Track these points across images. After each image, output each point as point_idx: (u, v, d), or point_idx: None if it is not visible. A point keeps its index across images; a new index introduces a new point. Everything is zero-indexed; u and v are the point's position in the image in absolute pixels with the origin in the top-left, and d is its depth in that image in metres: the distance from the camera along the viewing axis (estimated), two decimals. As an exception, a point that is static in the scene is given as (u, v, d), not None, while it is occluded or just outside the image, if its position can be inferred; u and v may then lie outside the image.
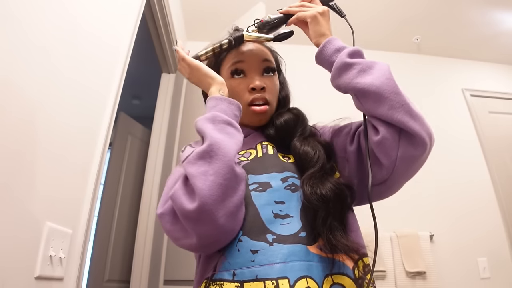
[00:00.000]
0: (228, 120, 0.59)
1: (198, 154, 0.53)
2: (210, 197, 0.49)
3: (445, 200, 2.20)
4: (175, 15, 2.06)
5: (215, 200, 0.50)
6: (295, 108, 0.77)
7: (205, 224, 0.50)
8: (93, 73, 1.01)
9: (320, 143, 0.67)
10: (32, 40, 0.70)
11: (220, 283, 0.51)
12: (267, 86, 0.72)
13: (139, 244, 1.92)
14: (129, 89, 3.08)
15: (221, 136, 0.55)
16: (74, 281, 0.87)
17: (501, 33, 2.53)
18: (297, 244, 0.53)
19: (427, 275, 1.87)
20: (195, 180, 0.51)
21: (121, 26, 1.25)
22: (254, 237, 0.54)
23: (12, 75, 0.64)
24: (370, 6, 2.29)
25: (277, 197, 0.58)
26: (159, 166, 2.09)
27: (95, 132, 1.04)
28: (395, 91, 0.56)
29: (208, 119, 0.58)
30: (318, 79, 2.53)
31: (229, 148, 0.54)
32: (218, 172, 0.51)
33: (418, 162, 0.58)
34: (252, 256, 0.52)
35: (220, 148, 0.53)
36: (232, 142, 0.56)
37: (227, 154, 0.53)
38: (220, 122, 0.58)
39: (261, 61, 0.73)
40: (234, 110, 0.63)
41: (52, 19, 0.78)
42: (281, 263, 0.50)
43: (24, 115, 0.68)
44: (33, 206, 0.71)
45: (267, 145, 0.70)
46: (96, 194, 1.02)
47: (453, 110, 2.56)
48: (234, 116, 0.62)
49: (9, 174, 0.64)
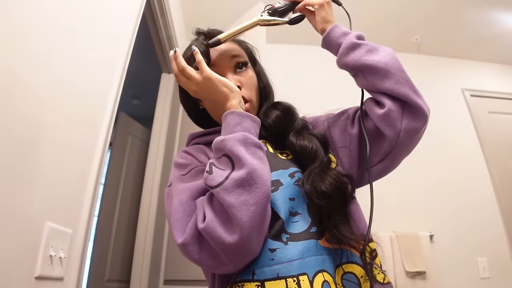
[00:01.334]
0: (258, 144, 0.55)
1: (237, 182, 0.49)
2: (253, 229, 0.48)
3: (445, 200, 2.20)
4: (175, 15, 2.06)
5: (257, 231, 0.49)
6: (280, 103, 0.75)
7: (246, 255, 0.50)
8: (93, 73, 1.02)
9: (315, 135, 0.68)
10: (32, 40, 0.70)
11: (241, 283, 0.51)
12: (242, 83, 0.70)
13: (139, 244, 1.92)
14: (129, 89, 3.07)
15: (256, 161, 0.52)
16: (74, 281, 0.87)
17: (501, 33, 2.53)
18: (310, 239, 0.54)
19: (427, 275, 1.87)
20: (235, 211, 0.47)
21: (121, 26, 1.25)
22: (272, 236, 0.54)
23: (13, 75, 0.64)
24: (370, 6, 2.29)
25: (290, 193, 0.58)
26: (159, 166, 2.09)
27: (95, 132, 1.04)
28: (401, 69, 0.62)
29: (240, 140, 0.53)
30: (317, 78, 2.54)
31: (266, 175, 0.52)
32: (259, 202, 0.49)
33: (418, 135, 0.63)
34: (271, 255, 0.52)
35: (259, 176, 0.50)
36: (266, 168, 0.53)
37: (266, 182, 0.50)
38: (251, 145, 0.54)
39: (229, 58, 0.70)
40: (257, 128, 0.59)
41: (52, 19, 0.78)
42: (299, 259, 0.51)
43: (24, 115, 0.68)
44: (33, 206, 0.71)
45: (265, 143, 0.69)
46: (96, 194, 1.02)
47: (453, 110, 2.56)
48: (257, 135, 0.58)
49: (10, 174, 0.64)
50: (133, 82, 2.78)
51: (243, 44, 0.78)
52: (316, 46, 0.79)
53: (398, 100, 0.60)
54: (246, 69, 0.72)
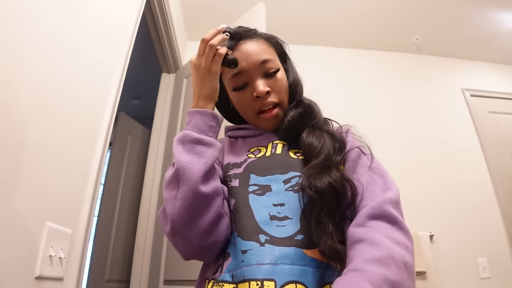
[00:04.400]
0: (196, 139, 0.58)
1: (168, 179, 0.56)
2: (179, 220, 0.53)
3: (445, 200, 2.20)
4: (175, 15, 2.06)
5: (184, 223, 0.53)
6: (304, 100, 0.73)
7: (181, 244, 0.56)
8: (93, 73, 1.01)
9: (330, 134, 0.64)
10: (32, 40, 0.70)
11: (221, 284, 0.51)
12: (272, 87, 0.68)
13: (139, 244, 1.92)
14: (129, 89, 3.08)
15: (188, 158, 0.55)
16: (74, 281, 0.87)
17: (501, 33, 2.53)
18: (291, 247, 0.50)
19: (427, 275, 1.87)
20: (166, 205, 0.56)
21: (121, 26, 1.25)
22: (245, 237, 0.53)
23: (13, 75, 0.64)
24: (370, 6, 2.29)
25: (276, 200, 0.56)
26: (159, 166, 2.09)
27: (95, 132, 1.03)
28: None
29: (179, 140, 0.58)
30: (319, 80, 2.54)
31: (194, 170, 0.54)
32: (184, 197, 0.53)
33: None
34: (242, 256, 0.51)
35: (185, 172, 0.53)
36: (200, 162, 0.55)
37: (192, 178, 0.53)
38: (189, 142, 0.57)
39: (259, 65, 0.67)
40: (209, 121, 0.61)
41: (52, 20, 0.78)
42: (270, 264, 0.48)
43: (24, 115, 0.68)
44: (33, 206, 0.71)
45: (278, 143, 0.67)
46: (96, 194, 1.02)
47: (453, 110, 2.56)
48: (208, 128, 0.61)
49: (10, 174, 0.64)
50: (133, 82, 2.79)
51: (273, 40, 0.74)
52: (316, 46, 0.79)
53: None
54: (276, 74, 0.69)
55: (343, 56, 2.64)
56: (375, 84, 2.55)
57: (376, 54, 2.67)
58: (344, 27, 2.49)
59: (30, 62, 0.70)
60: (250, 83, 0.68)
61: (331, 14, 2.36)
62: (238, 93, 0.69)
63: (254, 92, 0.66)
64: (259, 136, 0.72)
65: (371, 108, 2.46)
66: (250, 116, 0.71)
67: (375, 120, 2.40)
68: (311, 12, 2.35)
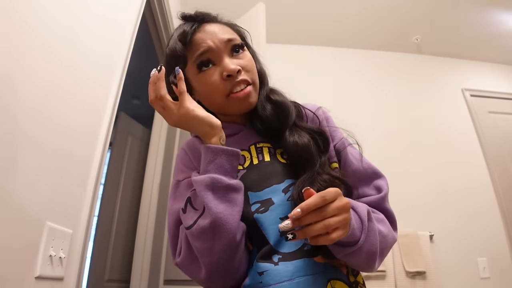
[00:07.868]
0: (228, 186, 0.54)
1: (202, 230, 0.52)
2: (218, 271, 0.53)
3: (445, 200, 2.20)
4: (175, 15, 2.06)
5: (223, 270, 0.53)
6: (276, 92, 0.71)
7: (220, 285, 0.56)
8: (93, 73, 1.01)
9: (310, 132, 0.64)
10: (32, 40, 0.70)
11: None
12: (242, 65, 0.64)
13: (139, 244, 1.92)
14: (129, 89, 3.07)
15: (222, 208, 0.52)
16: (74, 281, 0.87)
17: (501, 33, 2.53)
18: (302, 259, 0.53)
19: (427, 275, 1.87)
20: (200, 256, 0.53)
21: (121, 26, 1.25)
22: (261, 259, 0.54)
23: (13, 74, 0.64)
24: (370, 6, 2.29)
25: (281, 213, 0.56)
26: (159, 166, 2.09)
27: (95, 132, 1.03)
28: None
29: (208, 186, 0.53)
30: (319, 80, 2.54)
31: (231, 222, 0.52)
32: (224, 250, 0.52)
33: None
34: (259, 278, 0.53)
35: (223, 225, 0.51)
36: (235, 211, 0.53)
37: (231, 230, 0.52)
38: (220, 189, 0.53)
39: (225, 43, 0.64)
40: (234, 161, 0.57)
41: (53, 19, 0.78)
42: (287, 281, 0.51)
43: (24, 115, 0.68)
44: (33, 206, 0.71)
45: (262, 147, 0.65)
46: (96, 194, 1.02)
47: (453, 110, 2.56)
48: (233, 169, 0.57)
49: (9, 174, 0.64)
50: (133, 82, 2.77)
51: (235, 27, 0.73)
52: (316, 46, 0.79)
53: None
54: (243, 52, 0.67)
55: (343, 56, 2.64)
56: (375, 84, 2.55)
57: (376, 54, 2.67)
58: (344, 27, 2.49)
59: (31, 61, 0.70)
60: (218, 63, 0.63)
61: (330, 14, 2.36)
62: (204, 73, 0.63)
63: (224, 71, 0.62)
64: (235, 135, 0.67)
65: (371, 108, 2.46)
66: (219, 101, 0.64)
67: (375, 120, 2.40)
68: (311, 12, 2.35)
